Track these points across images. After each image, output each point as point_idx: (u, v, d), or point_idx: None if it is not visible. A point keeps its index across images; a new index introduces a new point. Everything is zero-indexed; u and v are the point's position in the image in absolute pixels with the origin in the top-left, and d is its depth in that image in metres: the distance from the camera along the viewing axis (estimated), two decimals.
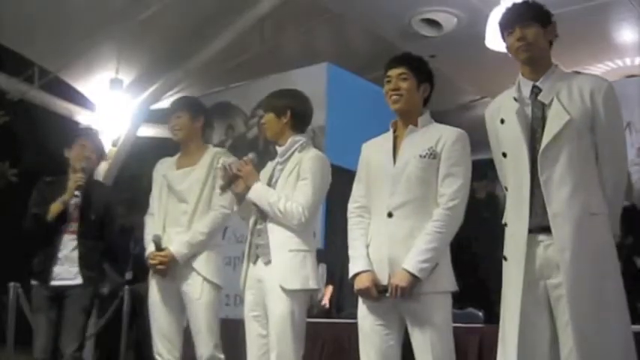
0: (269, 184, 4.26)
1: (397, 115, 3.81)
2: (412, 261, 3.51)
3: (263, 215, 4.21)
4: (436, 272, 3.56)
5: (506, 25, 3.47)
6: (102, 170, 8.83)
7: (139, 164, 9.92)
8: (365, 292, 3.64)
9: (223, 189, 4.29)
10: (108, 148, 8.85)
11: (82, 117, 9.08)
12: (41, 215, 5.08)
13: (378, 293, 3.60)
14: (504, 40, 3.51)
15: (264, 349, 4.12)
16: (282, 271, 4.08)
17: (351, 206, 3.87)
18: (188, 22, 7.78)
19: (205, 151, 4.79)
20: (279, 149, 4.31)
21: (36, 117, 9.49)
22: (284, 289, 4.04)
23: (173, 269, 4.61)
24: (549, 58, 3.46)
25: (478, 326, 5.17)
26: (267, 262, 4.13)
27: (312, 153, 4.24)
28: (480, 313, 5.70)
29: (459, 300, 5.74)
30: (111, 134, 8.97)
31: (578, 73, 3.48)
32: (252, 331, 4.19)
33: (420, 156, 3.63)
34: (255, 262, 4.20)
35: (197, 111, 4.85)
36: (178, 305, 4.66)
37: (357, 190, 3.88)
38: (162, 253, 4.60)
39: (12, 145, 10.69)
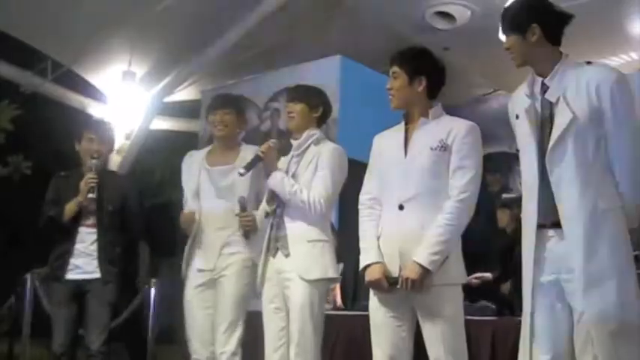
0: None
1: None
2: (423, 253, 3.52)
3: (280, 206, 4.24)
4: (447, 264, 3.57)
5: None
6: (115, 163, 8.86)
7: (152, 157, 9.98)
8: (376, 284, 3.65)
9: (247, 169, 4.29)
10: (121, 141, 8.88)
11: (95, 110, 9.11)
12: (56, 218, 5.04)
13: (388, 285, 3.61)
14: None
15: (282, 341, 4.16)
16: (302, 261, 4.12)
17: (363, 198, 3.88)
18: (201, 15, 7.77)
19: (241, 148, 4.80)
20: (294, 142, 4.33)
21: (49, 110, 9.52)
22: (304, 280, 4.07)
23: (211, 259, 4.66)
24: (551, 53, 3.39)
25: (491, 319, 5.18)
26: (288, 255, 4.17)
27: (330, 146, 4.29)
28: (493, 306, 5.69)
29: (472, 293, 5.76)
30: (124, 127, 8.98)
31: (589, 63, 3.44)
32: (271, 323, 4.22)
33: (431, 148, 3.64)
34: (274, 255, 4.23)
35: (242, 110, 4.92)
36: (211, 299, 4.66)
37: (369, 181, 3.89)
38: (246, 214, 4.53)
39: (26, 138, 10.72)
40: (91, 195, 4.99)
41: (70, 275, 5.04)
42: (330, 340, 5.25)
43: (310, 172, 4.23)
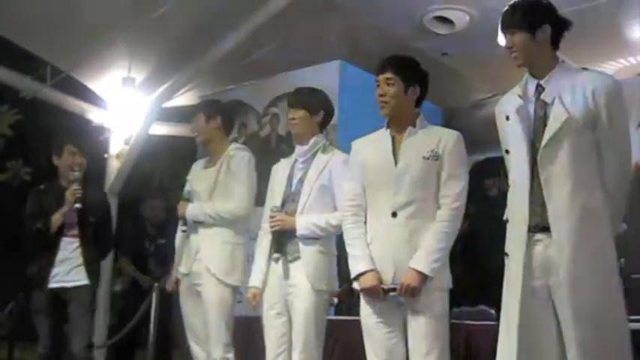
0: (289, 182, 4.30)
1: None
2: (423, 260, 3.57)
3: (289, 212, 4.27)
4: (438, 270, 3.64)
5: (500, 30, 3.48)
6: (114, 168, 8.86)
7: (151, 162, 9.98)
8: (371, 292, 3.70)
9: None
10: (120, 146, 8.88)
11: (95, 115, 9.10)
12: (44, 230, 5.17)
13: (384, 293, 3.64)
14: None
15: (283, 347, 4.18)
16: (312, 270, 4.15)
17: (347, 204, 3.91)
18: (200, 20, 7.78)
19: (224, 151, 4.84)
20: (300, 148, 4.33)
21: (48, 115, 9.52)
22: (312, 289, 4.10)
23: (188, 263, 4.69)
24: (551, 56, 3.45)
25: (491, 324, 5.17)
26: (293, 260, 4.18)
27: (342, 157, 4.28)
28: (493, 311, 5.69)
29: (472, 298, 5.77)
30: (123, 132, 8.98)
31: (585, 69, 3.49)
32: (272, 329, 4.23)
33: (423, 157, 3.70)
34: (277, 261, 4.24)
35: (211, 111, 4.93)
36: (200, 303, 4.69)
37: (353, 188, 3.91)
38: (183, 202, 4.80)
39: (25, 144, 10.71)
40: (77, 205, 5.14)
41: (52, 284, 5.19)
42: (329, 345, 5.25)
43: (323, 180, 4.24)
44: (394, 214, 3.69)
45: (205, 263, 4.66)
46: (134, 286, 7.35)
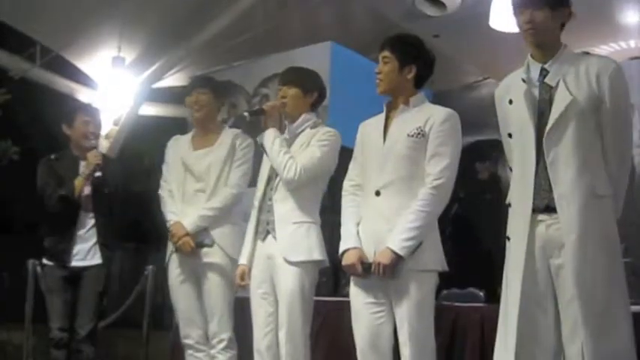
0: None
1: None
2: (395, 239, 3.57)
3: (272, 188, 4.24)
4: (421, 251, 3.63)
5: (518, 5, 3.44)
6: (103, 148, 8.84)
7: (140, 143, 9.95)
8: (350, 269, 3.74)
9: (250, 114, 4.33)
10: (109, 126, 8.85)
11: (84, 95, 9.06)
12: (68, 195, 5.03)
13: (363, 270, 3.67)
14: (516, 18, 3.49)
15: (271, 327, 4.17)
16: (286, 243, 4.12)
17: (346, 184, 3.95)
18: (191, 0, 7.75)
19: (222, 132, 4.82)
20: (289, 126, 4.31)
21: (38, 95, 9.48)
22: (290, 262, 4.08)
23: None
24: (559, 39, 3.45)
25: (479, 306, 5.20)
26: (276, 238, 4.17)
27: (328, 128, 4.28)
28: (481, 293, 5.72)
29: (461, 280, 5.78)
30: (113, 113, 8.95)
31: (587, 53, 3.49)
32: (259, 308, 4.22)
33: (409, 135, 3.69)
34: (264, 239, 4.23)
35: (219, 91, 4.91)
36: (197, 282, 4.68)
37: (353, 168, 3.96)
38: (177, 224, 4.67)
39: (14, 124, 10.67)
40: (98, 174, 5.03)
41: (73, 262, 5.06)
42: (316, 325, 5.26)
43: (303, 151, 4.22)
44: (377, 193, 3.71)
45: (218, 242, 4.64)
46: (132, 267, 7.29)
